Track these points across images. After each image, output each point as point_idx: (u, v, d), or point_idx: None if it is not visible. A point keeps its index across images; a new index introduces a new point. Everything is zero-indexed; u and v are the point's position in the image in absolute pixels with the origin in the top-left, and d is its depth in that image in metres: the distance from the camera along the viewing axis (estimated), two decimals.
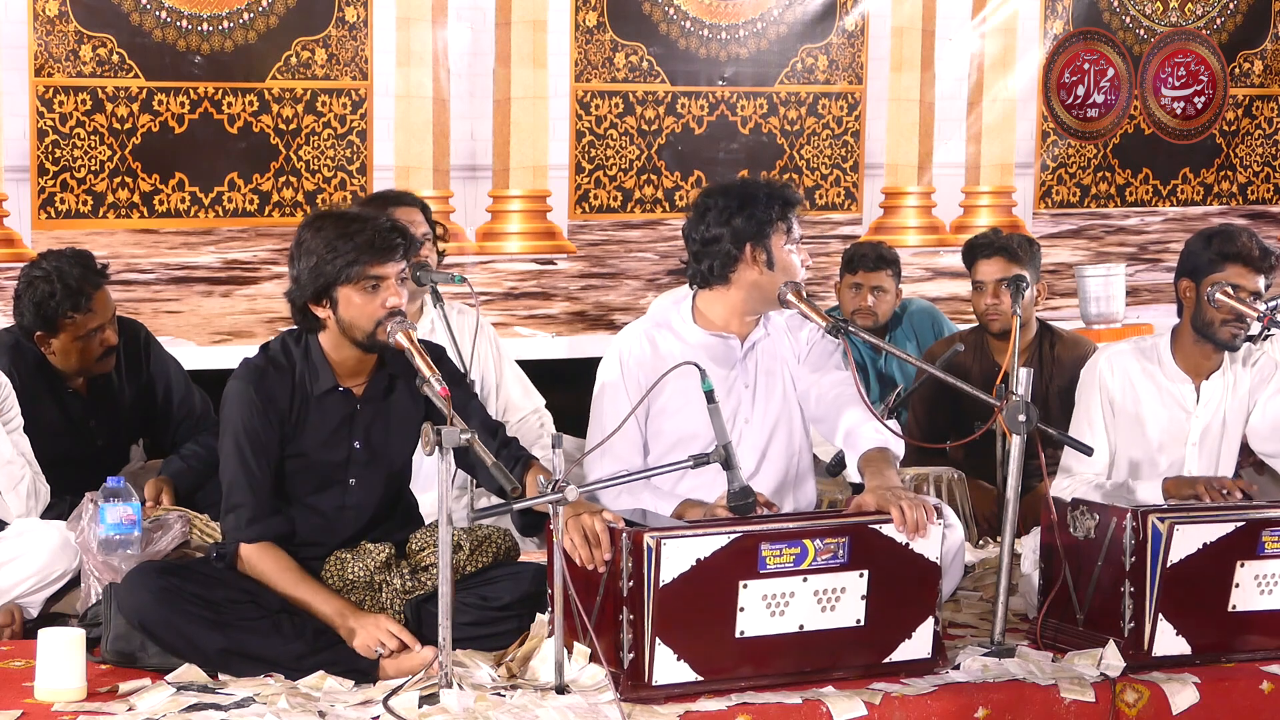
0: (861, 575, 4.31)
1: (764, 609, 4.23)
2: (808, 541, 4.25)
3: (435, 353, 4.63)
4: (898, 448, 4.74)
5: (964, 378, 5.98)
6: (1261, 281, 5.19)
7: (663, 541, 4.11)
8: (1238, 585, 4.62)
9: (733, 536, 4.20)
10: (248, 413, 4.46)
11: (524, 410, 5.94)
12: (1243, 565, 4.61)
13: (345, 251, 4.39)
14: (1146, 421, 5.35)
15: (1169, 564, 4.51)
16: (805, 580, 4.26)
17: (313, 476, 4.53)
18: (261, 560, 4.43)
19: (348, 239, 4.39)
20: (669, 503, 4.78)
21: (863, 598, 4.32)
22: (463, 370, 5.08)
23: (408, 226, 4.57)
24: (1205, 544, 4.55)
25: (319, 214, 4.64)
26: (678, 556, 4.13)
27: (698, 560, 4.15)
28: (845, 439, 4.79)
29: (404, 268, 4.46)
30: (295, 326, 4.60)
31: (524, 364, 6.15)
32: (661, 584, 4.11)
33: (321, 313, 4.47)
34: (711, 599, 4.19)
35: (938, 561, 4.40)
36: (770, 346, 4.99)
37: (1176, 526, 4.51)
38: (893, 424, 4.82)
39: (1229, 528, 4.58)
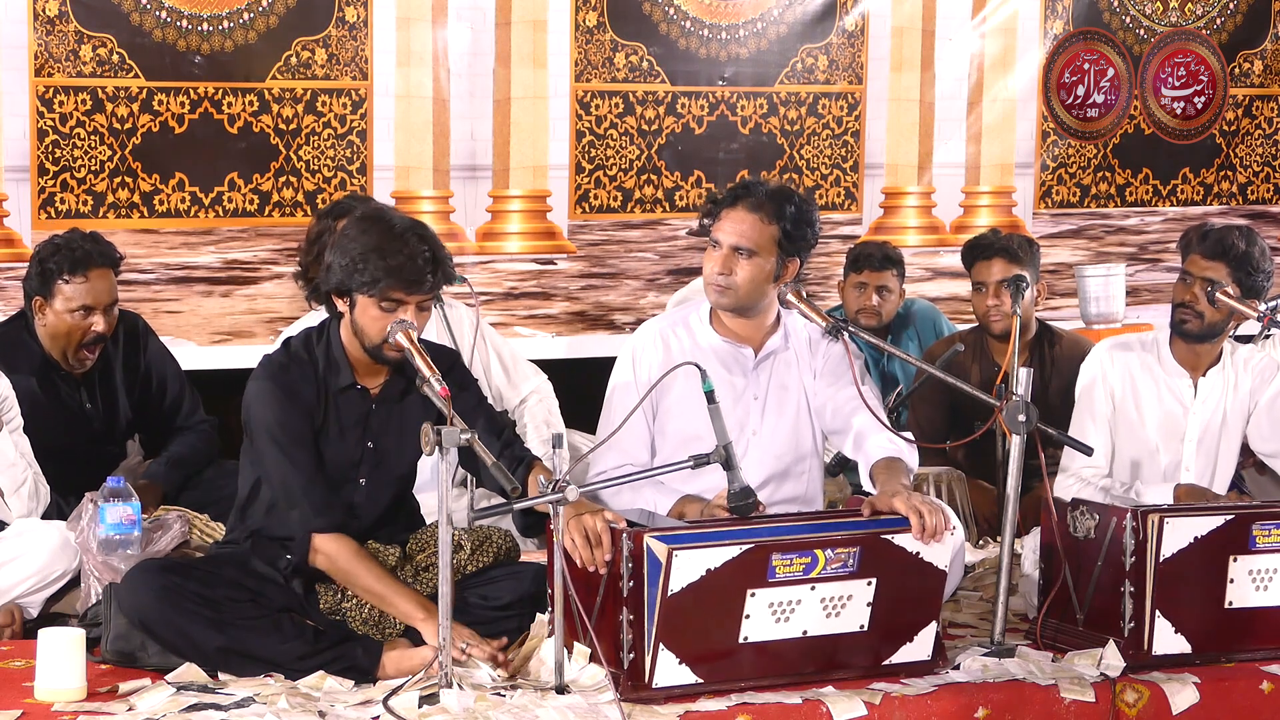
0: (870, 583, 4.29)
1: (769, 616, 4.22)
2: (819, 551, 4.23)
3: (449, 359, 4.64)
4: (910, 459, 4.74)
5: (964, 378, 6.00)
6: (1225, 270, 5.22)
7: (675, 552, 4.09)
8: (1232, 581, 4.62)
9: (745, 548, 4.17)
10: (277, 408, 4.44)
11: (513, 401, 5.95)
12: (1235, 560, 4.62)
13: (375, 268, 4.36)
14: (1145, 416, 5.37)
15: (1162, 559, 4.51)
16: (813, 589, 4.24)
17: (326, 473, 4.53)
18: (340, 551, 4.39)
19: (381, 257, 4.35)
20: (668, 498, 4.78)
21: (868, 604, 4.31)
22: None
23: (446, 259, 4.50)
24: (1196, 538, 4.55)
25: (375, 214, 4.58)
26: (688, 567, 4.11)
27: (708, 570, 4.13)
28: (858, 449, 4.79)
29: (429, 298, 4.44)
30: (312, 324, 4.64)
31: None
32: (670, 593, 4.10)
33: (341, 305, 4.48)
34: (718, 607, 4.18)
35: (946, 569, 4.39)
36: (788, 360, 4.96)
37: (1167, 520, 4.52)
38: (908, 434, 4.82)
39: (1219, 521, 4.59)
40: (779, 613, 4.23)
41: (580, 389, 6.36)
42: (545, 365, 6.36)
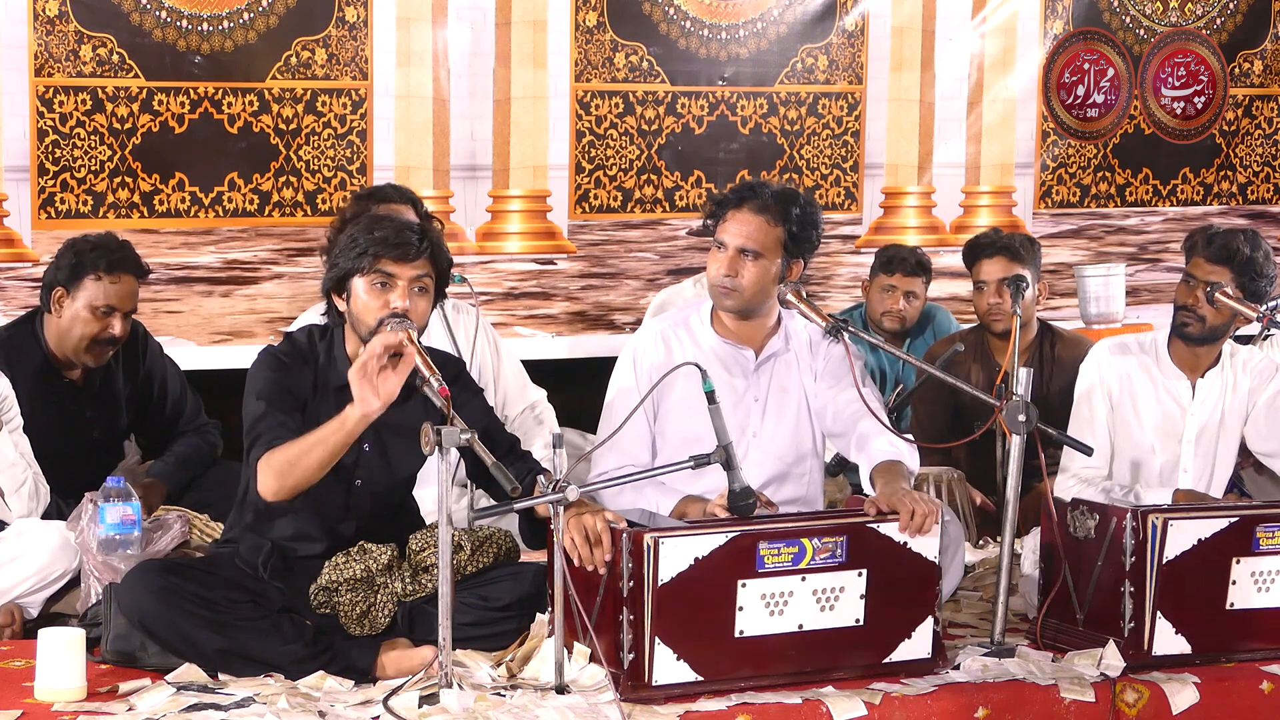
0: (860, 574, 4.31)
1: (763, 608, 4.23)
2: (806, 541, 4.25)
3: (455, 367, 4.65)
4: (912, 461, 4.74)
5: (965, 378, 6.00)
6: (1229, 275, 5.22)
7: (660, 541, 4.11)
8: (1234, 582, 4.62)
9: (730, 536, 4.20)
10: (270, 374, 4.46)
11: (519, 406, 5.95)
12: (1238, 562, 4.62)
13: (363, 244, 4.43)
14: (1143, 417, 5.37)
15: (1164, 560, 4.51)
16: (804, 580, 4.26)
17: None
18: (272, 454, 4.30)
19: (369, 232, 4.45)
20: (670, 499, 4.78)
21: (861, 597, 4.32)
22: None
23: (438, 239, 4.55)
24: (1200, 539, 4.56)
25: (369, 213, 4.78)
26: (676, 556, 4.13)
27: (696, 559, 4.15)
28: (859, 452, 4.79)
29: (424, 275, 4.45)
30: (315, 323, 4.66)
31: (524, 364, 6.15)
32: (660, 583, 4.11)
33: (341, 305, 4.50)
34: (710, 598, 4.19)
35: (936, 561, 4.40)
36: (788, 362, 4.96)
37: (1171, 522, 4.52)
38: (909, 436, 4.82)
39: (1223, 523, 4.59)
40: (772, 605, 4.23)
41: (580, 389, 6.36)
42: (545, 365, 6.36)
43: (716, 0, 7.80)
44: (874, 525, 4.34)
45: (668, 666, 4.16)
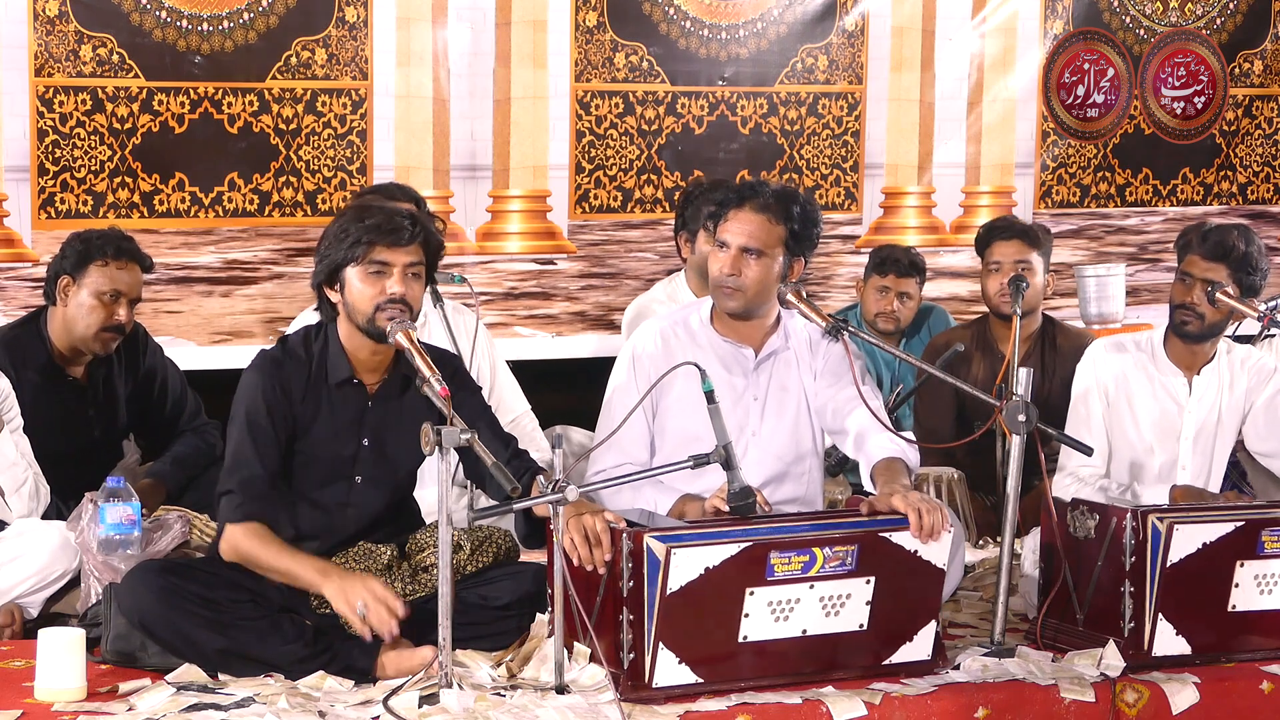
0: (868, 582, 4.30)
1: (769, 615, 4.22)
2: (817, 549, 4.23)
3: (452, 363, 4.64)
4: (912, 459, 4.74)
5: (967, 371, 6.00)
6: (1225, 271, 5.22)
7: (673, 550, 4.09)
8: (1237, 585, 4.62)
9: (743, 546, 4.17)
10: (256, 403, 4.46)
11: (517, 411, 5.95)
12: (1242, 565, 4.61)
13: (355, 233, 4.43)
14: (1140, 416, 5.37)
15: (1169, 564, 4.50)
16: (812, 587, 4.24)
17: (319, 470, 4.53)
18: (246, 538, 4.39)
19: (359, 220, 4.44)
20: (669, 498, 4.78)
21: (867, 603, 4.31)
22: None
23: (430, 223, 4.57)
24: (1205, 544, 4.55)
25: (355, 203, 4.81)
26: (687, 565, 4.11)
27: (706, 569, 4.13)
28: (859, 450, 4.79)
29: (417, 261, 4.45)
30: (312, 322, 4.65)
31: (524, 364, 6.16)
32: (669, 591, 4.10)
33: (334, 297, 4.49)
34: (717, 606, 4.18)
35: (944, 567, 4.39)
36: (788, 360, 4.96)
37: (1176, 526, 4.50)
38: (908, 434, 4.82)
39: (1229, 527, 4.58)
40: (778, 612, 4.23)
41: (580, 390, 6.36)
42: (545, 365, 6.36)
43: (716, 0, 7.80)
44: (886, 534, 4.31)
45: (669, 669, 4.15)
